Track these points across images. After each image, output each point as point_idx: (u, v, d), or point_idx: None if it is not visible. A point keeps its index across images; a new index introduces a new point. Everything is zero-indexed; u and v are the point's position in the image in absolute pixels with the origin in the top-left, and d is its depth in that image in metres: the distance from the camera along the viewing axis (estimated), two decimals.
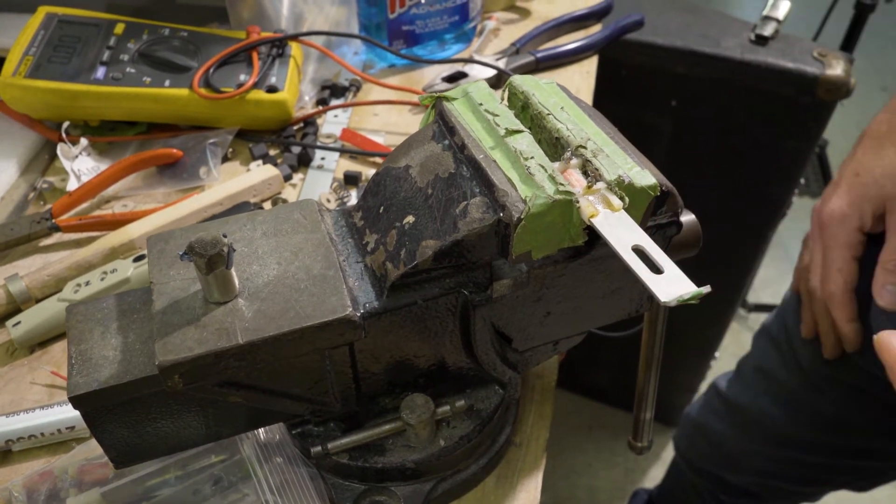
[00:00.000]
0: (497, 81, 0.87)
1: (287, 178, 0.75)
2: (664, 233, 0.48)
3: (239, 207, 0.69)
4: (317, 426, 0.49)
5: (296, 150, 0.78)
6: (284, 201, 0.73)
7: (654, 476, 1.72)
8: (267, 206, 0.73)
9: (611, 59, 1.06)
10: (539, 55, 0.89)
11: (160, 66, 0.77)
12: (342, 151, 0.78)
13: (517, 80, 0.48)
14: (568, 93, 0.48)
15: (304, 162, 0.77)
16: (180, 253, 0.39)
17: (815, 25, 1.82)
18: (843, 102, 1.08)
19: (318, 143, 0.79)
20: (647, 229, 0.46)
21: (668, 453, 1.75)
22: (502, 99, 0.49)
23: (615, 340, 0.83)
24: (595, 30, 0.99)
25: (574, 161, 0.42)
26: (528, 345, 0.51)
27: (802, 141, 1.15)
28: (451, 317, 0.45)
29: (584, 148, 0.42)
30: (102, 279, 0.62)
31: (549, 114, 0.45)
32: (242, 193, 0.71)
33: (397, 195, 0.45)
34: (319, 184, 0.75)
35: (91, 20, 0.80)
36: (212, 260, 0.38)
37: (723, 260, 1.33)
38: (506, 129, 0.43)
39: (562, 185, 0.39)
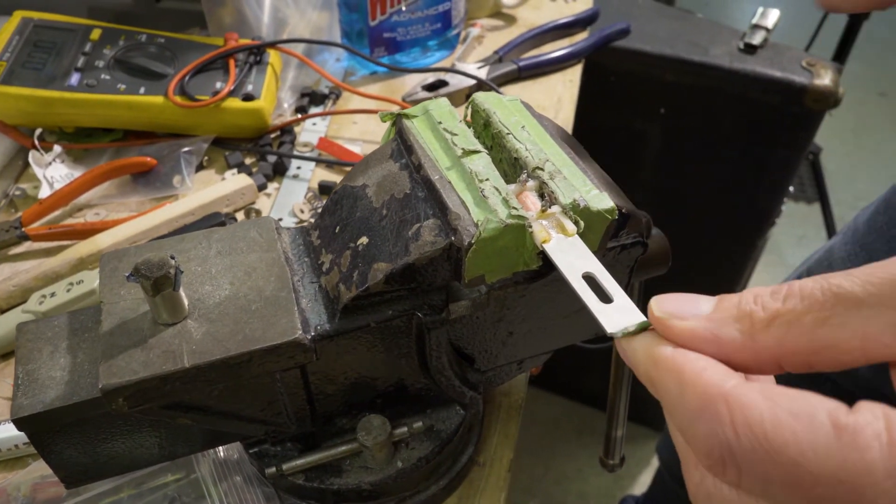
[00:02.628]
0: (478, 90, 0.86)
1: (261, 187, 0.74)
2: (629, 253, 0.47)
3: (210, 218, 0.69)
4: (273, 446, 0.48)
5: (271, 158, 0.77)
6: (258, 212, 0.72)
7: (643, 482, 1.71)
8: (240, 216, 0.72)
9: (599, 66, 1.05)
10: (521, 64, 0.88)
11: (135, 73, 0.76)
12: (318, 161, 0.77)
13: (479, 97, 0.47)
14: (531, 110, 0.47)
15: (279, 171, 0.77)
16: (126, 274, 0.38)
17: (810, 32, 1.82)
18: (832, 112, 1.07)
19: (294, 153, 0.78)
20: (610, 250, 0.46)
21: None
22: (465, 116, 0.48)
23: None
24: (580, 38, 0.98)
25: (531, 183, 0.41)
26: (491, 364, 0.50)
27: (791, 150, 1.14)
28: (407, 339, 0.44)
29: (542, 170, 0.41)
30: (69, 290, 0.61)
31: (508, 133, 0.44)
32: (215, 203, 0.70)
33: (353, 215, 0.44)
34: (294, 194, 0.74)
35: (67, 25, 0.80)
36: (158, 282, 0.38)
37: (713, 266, 1.32)
38: (463, 149, 0.43)
39: (515, 208, 0.39)
